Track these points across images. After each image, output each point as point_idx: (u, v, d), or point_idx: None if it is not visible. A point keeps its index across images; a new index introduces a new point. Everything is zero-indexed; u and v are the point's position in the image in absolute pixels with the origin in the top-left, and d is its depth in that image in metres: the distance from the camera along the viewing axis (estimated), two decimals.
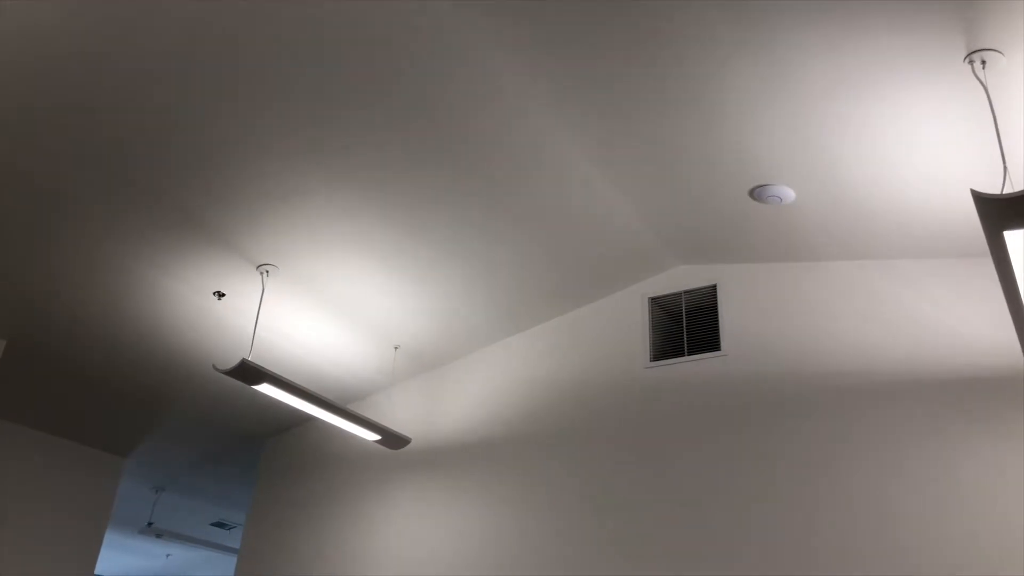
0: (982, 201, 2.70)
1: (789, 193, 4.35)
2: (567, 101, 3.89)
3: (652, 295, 5.68)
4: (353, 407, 6.87)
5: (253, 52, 3.48)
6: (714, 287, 5.45)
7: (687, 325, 5.50)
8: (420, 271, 5.23)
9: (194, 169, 4.16)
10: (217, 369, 4.79)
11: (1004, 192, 2.66)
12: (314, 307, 5.50)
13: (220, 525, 10.79)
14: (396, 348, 6.17)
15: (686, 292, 5.57)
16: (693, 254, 5.43)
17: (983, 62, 3.08)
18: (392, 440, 5.89)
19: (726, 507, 4.78)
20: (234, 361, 5.79)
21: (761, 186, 4.34)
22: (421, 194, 4.51)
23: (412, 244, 4.94)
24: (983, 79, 3.15)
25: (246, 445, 7.62)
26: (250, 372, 4.74)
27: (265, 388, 4.93)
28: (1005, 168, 3.03)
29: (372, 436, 5.79)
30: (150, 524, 9.99)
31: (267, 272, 5.05)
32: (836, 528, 4.39)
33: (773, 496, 4.65)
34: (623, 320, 5.74)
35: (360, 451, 6.62)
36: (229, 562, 12.29)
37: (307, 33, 3.40)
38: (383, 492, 6.30)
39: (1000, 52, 3.03)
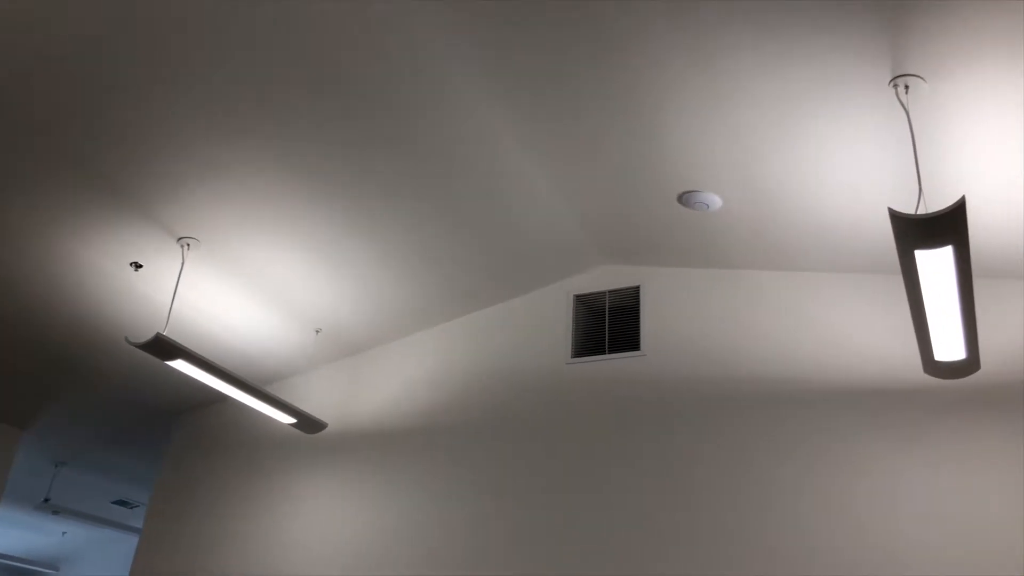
0: (897, 220, 2.82)
1: (716, 200, 4.45)
2: (504, 96, 3.89)
3: (577, 292, 5.75)
4: (270, 389, 6.75)
5: (187, 26, 3.38)
6: (637, 288, 5.54)
7: (609, 324, 5.58)
8: (345, 256, 5.17)
9: (117, 137, 4.02)
10: (130, 342, 4.65)
11: (918, 213, 2.78)
12: (235, 285, 5.38)
13: (122, 503, 10.48)
14: (317, 332, 6.09)
15: (610, 291, 5.64)
16: (619, 254, 5.51)
17: (906, 87, 3.21)
18: (308, 424, 5.81)
19: (640, 504, 4.87)
20: (148, 335, 5.63)
21: (690, 192, 4.43)
22: (352, 180, 4.46)
23: (340, 228, 4.88)
24: (905, 103, 3.28)
25: (156, 422, 7.41)
26: (164, 347, 4.62)
27: (179, 364, 4.81)
28: (920, 190, 3.17)
29: (288, 419, 5.70)
30: (47, 500, 9.63)
31: (188, 245, 4.92)
32: (749, 527, 4.52)
33: (687, 494, 4.76)
34: (547, 316, 5.79)
35: (275, 434, 6.51)
36: (130, 542, 11.94)
37: (243, 13, 3.32)
38: (296, 476, 6.21)
39: (922, 78, 3.16)
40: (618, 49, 3.43)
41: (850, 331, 4.71)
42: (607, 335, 5.54)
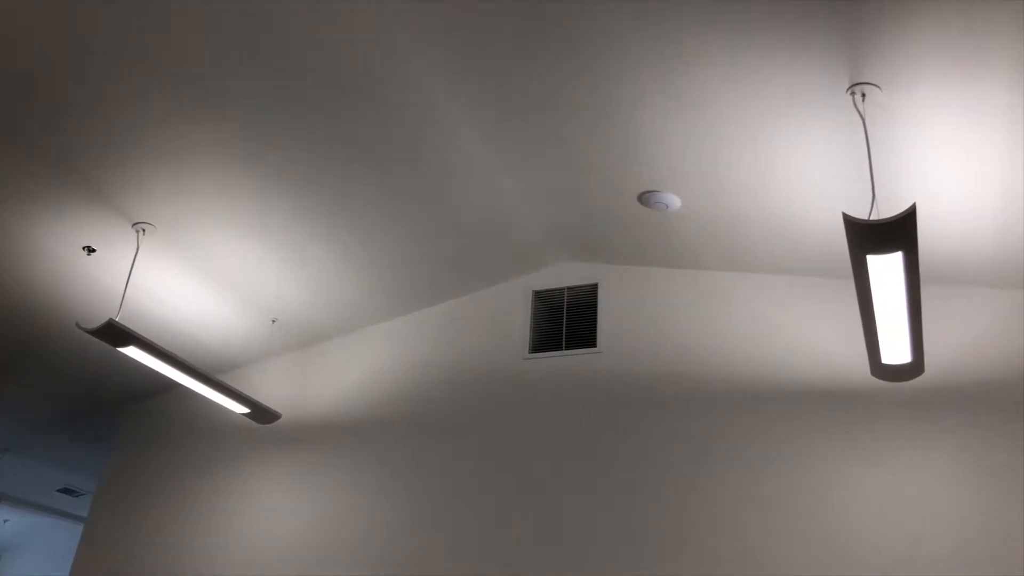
0: (851, 225, 2.89)
1: (676, 201, 4.50)
2: (467, 93, 3.90)
3: (536, 288, 5.78)
4: (224, 378, 6.67)
5: (151, 8, 3.32)
6: (595, 286, 5.59)
7: (567, 320, 5.61)
8: (304, 245, 5.13)
9: (73, 118, 3.94)
10: (81, 328, 4.57)
11: (871, 218, 2.85)
12: (190, 272, 5.31)
13: (68, 492, 10.26)
14: (273, 321, 6.03)
15: (569, 288, 5.68)
16: (579, 252, 5.54)
17: (863, 95, 3.28)
18: (261, 414, 5.76)
19: (594, 500, 4.92)
20: (100, 320, 5.53)
21: (650, 192, 4.48)
22: (313, 168, 4.43)
23: (298, 217, 4.84)
24: (862, 111, 3.36)
25: (105, 409, 7.27)
26: (116, 333, 4.54)
27: (131, 351, 4.73)
28: (874, 196, 3.24)
29: (241, 409, 5.65)
30: None
31: (143, 231, 4.85)
32: (700, 525, 4.59)
33: (641, 491, 4.82)
34: (506, 311, 5.81)
35: (227, 423, 6.44)
36: (75, 530, 11.71)
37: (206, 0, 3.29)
38: (248, 467, 6.15)
39: (878, 87, 3.23)
40: (584, 50, 3.46)
41: (802, 333, 4.81)
42: (564, 332, 5.58)
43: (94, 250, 4.98)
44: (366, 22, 3.49)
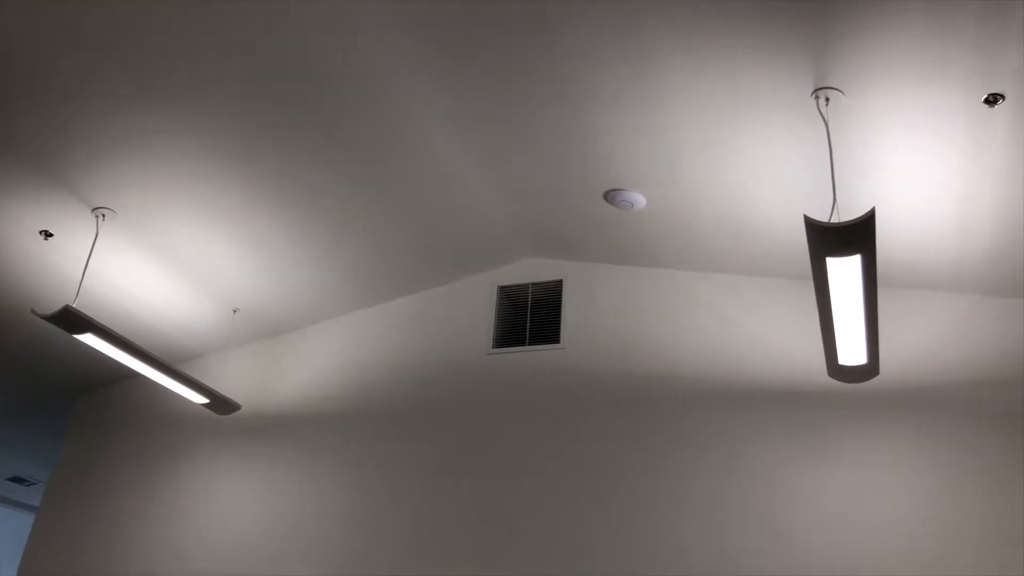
0: (811, 227, 2.93)
1: (640, 199, 4.53)
2: (437, 88, 3.89)
3: (501, 284, 5.78)
4: (183, 368, 6.59)
5: None
6: (560, 282, 5.61)
7: (531, 316, 5.63)
8: (268, 234, 5.08)
9: (31, 100, 3.86)
10: (36, 314, 4.48)
11: (832, 221, 2.90)
12: (151, 259, 5.23)
13: (18, 480, 10.07)
14: (235, 312, 5.97)
15: (534, 284, 5.70)
16: (544, 248, 5.56)
17: (827, 99, 3.33)
18: (220, 405, 5.70)
19: (555, 495, 4.94)
20: (56, 307, 5.43)
21: (615, 190, 4.51)
22: (280, 156, 4.39)
23: (263, 209, 4.80)
24: (825, 115, 3.41)
25: (60, 396, 7.14)
26: (73, 320, 4.46)
27: (88, 339, 4.66)
28: (835, 199, 3.29)
29: (200, 399, 5.58)
30: None
31: (103, 216, 4.76)
32: (661, 523, 4.63)
33: (601, 488, 4.85)
34: (471, 305, 5.80)
35: (186, 414, 6.36)
36: (25, 521, 11.49)
37: None
38: (206, 459, 6.08)
39: (842, 92, 3.28)
40: (554, 50, 3.46)
41: (764, 333, 4.87)
42: (528, 327, 5.59)
43: (52, 235, 4.88)
44: (334, 16, 3.46)
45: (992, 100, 3.12)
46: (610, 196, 4.57)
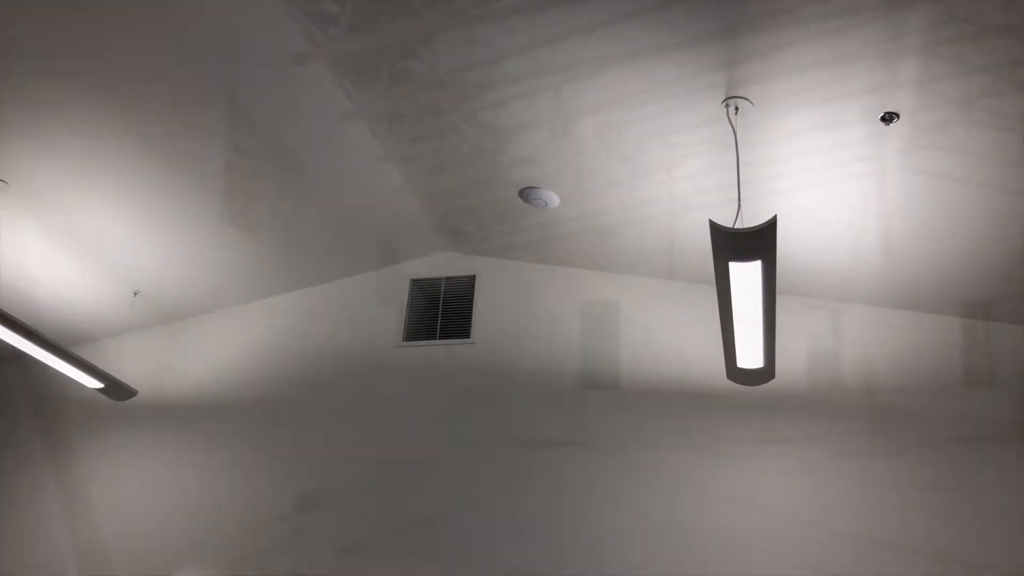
0: (716, 232, 3.00)
1: (555, 199, 4.57)
2: (356, 79, 3.83)
3: (414, 277, 5.74)
4: (78, 350, 6.32)
5: None
6: (473, 278, 5.60)
7: (443, 310, 5.61)
8: (173, 215, 4.91)
9: None
10: None
11: (736, 227, 2.97)
12: (46, 235, 5.00)
13: None
14: (136, 294, 5.76)
15: (447, 278, 5.68)
16: (459, 243, 5.55)
17: (736, 108, 3.42)
18: (116, 390, 5.48)
19: (459, 488, 4.93)
20: None
21: (531, 188, 4.53)
22: (189, 135, 4.25)
23: (168, 189, 4.63)
24: (734, 123, 3.49)
25: None
26: None
27: None
28: (740, 205, 3.38)
29: (94, 383, 5.36)
30: None
31: None
32: (564, 518, 4.67)
33: (507, 482, 4.86)
34: (383, 297, 5.74)
35: (79, 398, 6.10)
36: None
37: None
38: (99, 445, 5.85)
39: (750, 102, 3.37)
40: (473, 50, 3.45)
41: (668, 335, 4.97)
42: (439, 321, 5.57)
43: None
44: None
45: (888, 118, 3.25)
46: (526, 194, 4.59)
